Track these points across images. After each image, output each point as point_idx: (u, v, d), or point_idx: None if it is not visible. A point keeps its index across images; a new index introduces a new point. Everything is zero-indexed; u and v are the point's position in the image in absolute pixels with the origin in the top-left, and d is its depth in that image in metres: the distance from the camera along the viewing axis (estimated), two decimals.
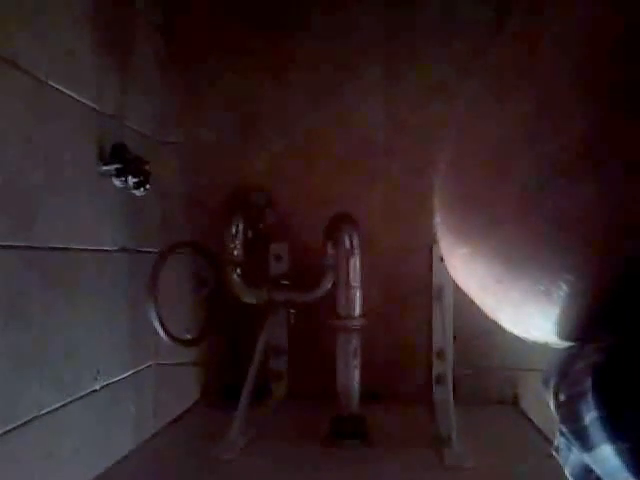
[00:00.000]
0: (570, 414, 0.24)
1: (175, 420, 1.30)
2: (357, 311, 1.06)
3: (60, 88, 0.98)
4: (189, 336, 1.32)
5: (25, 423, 0.91)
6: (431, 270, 1.33)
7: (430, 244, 1.31)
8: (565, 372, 0.25)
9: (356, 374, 1.07)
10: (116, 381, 1.23)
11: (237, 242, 1.25)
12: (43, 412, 0.95)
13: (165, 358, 1.41)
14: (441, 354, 1.28)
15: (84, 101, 1.07)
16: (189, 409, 1.37)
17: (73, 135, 1.04)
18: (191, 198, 1.39)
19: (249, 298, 1.24)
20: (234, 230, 1.23)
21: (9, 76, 0.87)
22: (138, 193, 1.21)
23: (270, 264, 1.30)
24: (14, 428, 0.88)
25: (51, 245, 0.97)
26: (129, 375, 1.29)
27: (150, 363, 1.39)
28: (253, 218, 1.29)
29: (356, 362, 1.06)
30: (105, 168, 1.12)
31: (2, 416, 0.85)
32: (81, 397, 1.08)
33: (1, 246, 0.85)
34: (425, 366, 1.32)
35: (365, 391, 1.13)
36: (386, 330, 1.30)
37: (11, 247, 0.87)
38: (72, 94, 1.02)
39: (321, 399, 1.23)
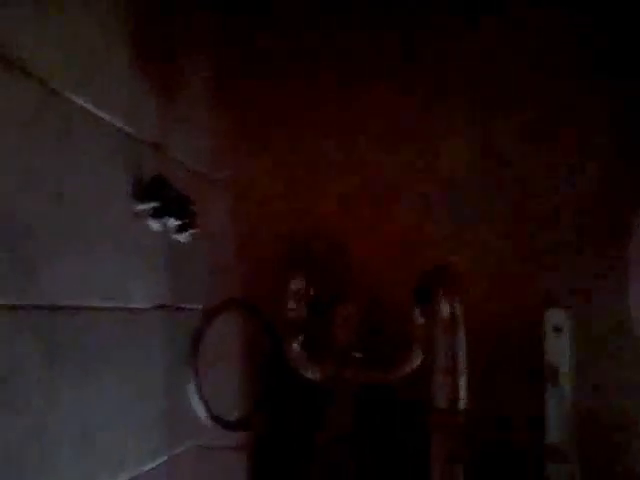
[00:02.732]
0: None
1: None
2: (461, 404, 0.80)
3: (82, 103, 0.78)
4: (236, 416, 1.08)
5: None
6: (540, 346, 1.04)
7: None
8: None
9: None
10: (146, 471, 0.99)
11: (299, 302, 1.01)
12: None
13: (207, 439, 1.17)
14: (558, 453, 0.99)
15: (114, 123, 0.86)
16: None
17: (99, 164, 0.83)
18: (244, 246, 1.17)
19: (312, 373, 0.99)
20: (295, 287, 1.00)
21: (12, 83, 0.66)
22: (181, 238, 0.99)
23: (337, 331, 1.05)
24: None
25: (60, 303, 0.75)
26: (162, 462, 1.05)
27: (189, 445, 1.15)
28: (319, 273, 1.05)
29: (458, 473, 0.79)
30: (140, 207, 0.91)
31: None
32: None
33: None
34: (535, 470, 1.02)
35: None
36: (483, 425, 1.01)
37: (3, 307, 0.65)
38: (97, 112, 0.82)
39: None
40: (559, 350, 1.02)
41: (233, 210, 1.18)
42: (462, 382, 0.80)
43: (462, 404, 0.80)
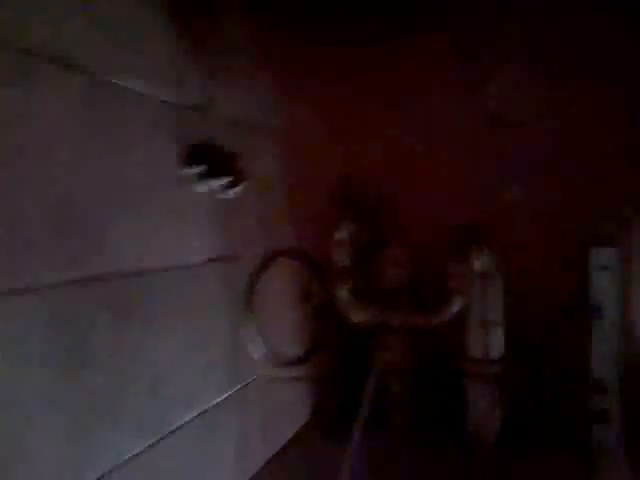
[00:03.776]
0: None
1: (283, 451, 1.15)
2: (495, 354, 0.83)
3: (123, 84, 0.82)
4: (295, 354, 1.16)
5: (105, 475, 0.78)
6: (585, 282, 1.05)
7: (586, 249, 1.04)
8: None
9: (494, 427, 0.84)
10: (214, 405, 1.09)
11: (346, 249, 1.05)
12: (123, 460, 0.83)
13: (270, 374, 1.26)
14: (602, 386, 1.02)
15: (156, 95, 0.90)
16: (298, 435, 1.21)
17: (144, 136, 0.88)
18: (295, 196, 1.20)
19: (359, 317, 1.05)
20: (340, 237, 1.04)
21: (57, 77, 0.71)
22: (230, 195, 1.04)
23: (385, 275, 1.09)
24: None
25: (122, 270, 0.83)
26: (229, 396, 1.14)
27: (252, 380, 1.24)
28: (366, 221, 1.08)
29: (494, 414, 0.83)
30: (187, 171, 0.96)
31: (73, 474, 0.73)
32: (171, 432, 0.95)
33: (60, 282, 0.71)
34: (581, 401, 1.06)
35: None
36: (528, 359, 1.04)
37: (71, 281, 0.73)
38: (139, 88, 0.86)
39: (446, 431, 1.03)
40: (604, 287, 1.02)
41: (283, 161, 1.20)
42: (497, 333, 0.83)
43: (496, 354, 0.83)
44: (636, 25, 1.03)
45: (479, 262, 0.82)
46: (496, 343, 0.83)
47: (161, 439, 0.92)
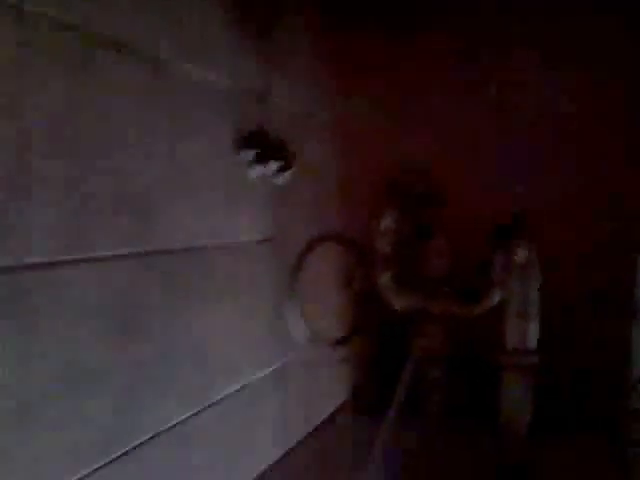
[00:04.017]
0: None
1: (320, 429, 1.19)
2: (531, 345, 0.85)
3: (184, 71, 0.86)
4: (336, 336, 1.19)
5: (150, 439, 0.83)
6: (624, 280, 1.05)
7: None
8: None
9: (526, 418, 0.86)
10: (256, 380, 1.13)
11: (390, 237, 1.07)
12: (169, 425, 0.88)
13: (310, 354, 1.30)
14: None
15: (215, 81, 0.94)
16: (335, 415, 1.25)
17: (201, 120, 0.92)
18: (343, 183, 1.23)
19: (401, 304, 1.07)
20: (385, 225, 1.06)
21: (124, 63, 0.76)
22: (281, 179, 1.08)
23: (429, 264, 1.11)
24: (138, 445, 0.81)
25: (176, 247, 0.87)
26: (270, 372, 1.19)
27: (293, 358, 1.28)
28: (411, 209, 1.10)
29: (527, 405, 0.85)
30: (243, 155, 1.00)
31: (122, 434, 0.78)
32: (215, 403, 0.99)
33: (118, 255, 0.76)
34: (616, 398, 1.06)
35: None
36: (567, 351, 1.05)
37: (127, 255, 0.78)
38: (199, 75, 0.90)
39: (480, 418, 1.05)
40: None
41: (333, 149, 1.23)
42: (533, 325, 0.84)
43: (532, 346, 0.85)
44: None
45: (522, 254, 0.84)
46: (533, 334, 0.85)
47: (205, 409, 0.96)
